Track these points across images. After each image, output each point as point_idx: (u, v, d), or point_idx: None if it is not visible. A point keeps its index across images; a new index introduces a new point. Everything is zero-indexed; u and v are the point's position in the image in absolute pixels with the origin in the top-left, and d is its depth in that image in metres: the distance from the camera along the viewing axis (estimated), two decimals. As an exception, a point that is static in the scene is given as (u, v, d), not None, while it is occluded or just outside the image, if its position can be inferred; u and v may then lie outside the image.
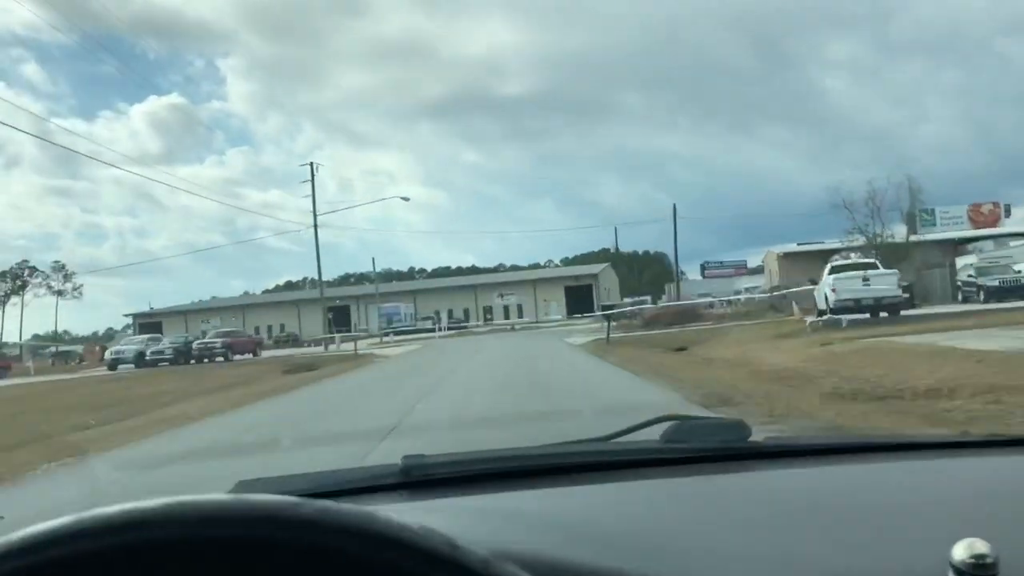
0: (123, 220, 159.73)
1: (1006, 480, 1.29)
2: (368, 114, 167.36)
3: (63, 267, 78.38)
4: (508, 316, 71.10)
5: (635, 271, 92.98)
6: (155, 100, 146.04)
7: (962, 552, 0.80)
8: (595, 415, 7.35)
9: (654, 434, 1.46)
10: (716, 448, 1.40)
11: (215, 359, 38.24)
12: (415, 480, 1.33)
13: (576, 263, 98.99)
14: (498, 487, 1.31)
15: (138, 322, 75.61)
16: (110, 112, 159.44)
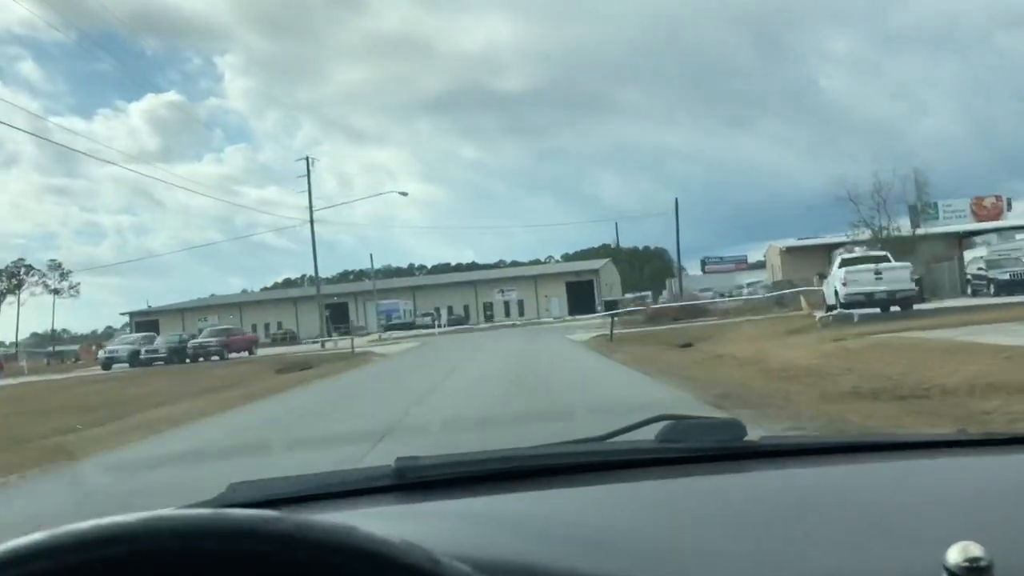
0: (122, 218, 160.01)
1: (1002, 480, 1.27)
2: (366, 110, 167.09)
3: (59, 265, 77.59)
4: (508, 312, 70.73)
5: (636, 267, 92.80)
6: (153, 98, 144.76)
7: (956, 555, 0.79)
8: (590, 415, 7.17)
9: (649, 434, 1.44)
10: (712, 448, 1.39)
11: (210, 358, 38.06)
12: (409, 482, 1.32)
13: (576, 259, 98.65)
14: (492, 489, 1.29)
15: (135, 320, 75.20)
16: (108, 110, 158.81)
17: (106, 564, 0.49)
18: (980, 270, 30.59)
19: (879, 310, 21.08)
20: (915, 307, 21.57)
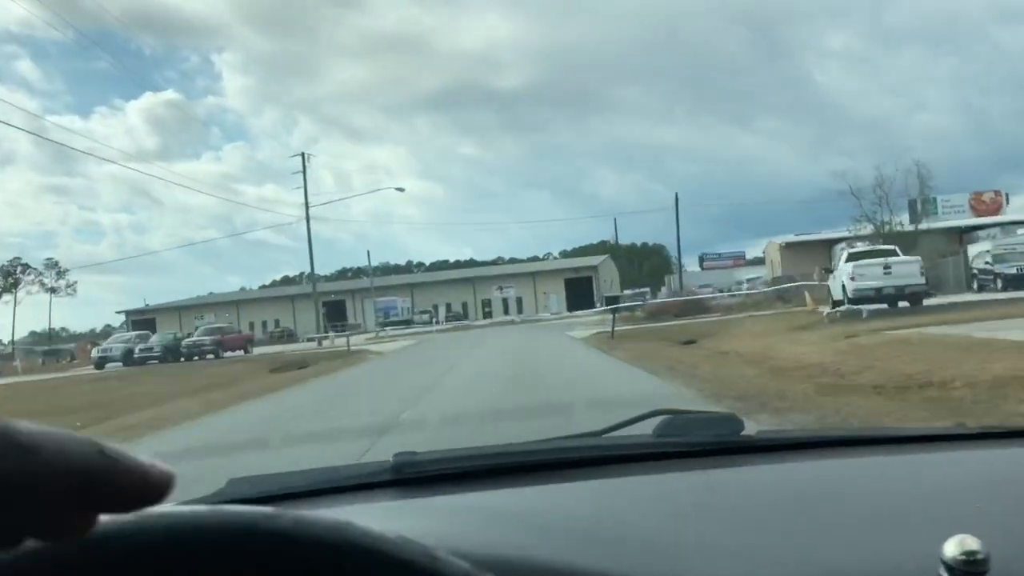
0: (120, 217, 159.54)
1: (1000, 474, 1.25)
2: (364, 108, 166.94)
3: (56, 264, 77.03)
4: (507, 309, 70.24)
5: (634, 263, 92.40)
6: (151, 96, 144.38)
7: (953, 549, 0.79)
8: (588, 410, 7.05)
9: (647, 429, 1.43)
10: (709, 442, 1.38)
11: (205, 356, 37.72)
12: (406, 477, 1.31)
13: (575, 255, 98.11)
14: (490, 484, 1.28)
15: (131, 319, 74.63)
16: (106, 108, 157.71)
17: (103, 560, 0.48)
18: (987, 264, 30.12)
19: (887, 306, 20.61)
20: (924, 303, 21.11)
